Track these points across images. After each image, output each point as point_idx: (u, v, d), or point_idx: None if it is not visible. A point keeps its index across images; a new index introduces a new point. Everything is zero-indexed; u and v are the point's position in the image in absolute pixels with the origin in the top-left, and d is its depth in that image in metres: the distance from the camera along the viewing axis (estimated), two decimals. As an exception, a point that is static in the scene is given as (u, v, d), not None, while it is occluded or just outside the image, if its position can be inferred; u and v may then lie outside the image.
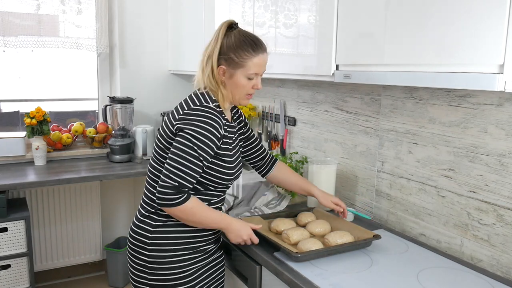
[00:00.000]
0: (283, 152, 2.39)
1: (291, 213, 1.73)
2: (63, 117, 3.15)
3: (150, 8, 3.04)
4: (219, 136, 1.38)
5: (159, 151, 1.44)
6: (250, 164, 1.75)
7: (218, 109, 1.41)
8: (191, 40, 2.75)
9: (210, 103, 1.40)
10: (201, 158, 1.35)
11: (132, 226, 1.49)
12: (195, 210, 1.36)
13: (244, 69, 1.40)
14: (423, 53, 1.18)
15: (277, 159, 1.77)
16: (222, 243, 1.64)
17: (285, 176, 1.75)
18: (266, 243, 1.49)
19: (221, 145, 1.42)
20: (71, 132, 2.91)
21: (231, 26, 1.42)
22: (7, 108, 3.14)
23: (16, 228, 2.35)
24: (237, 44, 1.38)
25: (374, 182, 1.83)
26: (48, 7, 2.75)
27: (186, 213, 1.35)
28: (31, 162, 2.74)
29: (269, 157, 1.75)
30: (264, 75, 2.03)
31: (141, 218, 1.47)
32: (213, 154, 1.39)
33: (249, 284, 1.56)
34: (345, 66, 1.49)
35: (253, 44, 1.40)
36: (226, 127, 1.44)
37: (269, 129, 2.53)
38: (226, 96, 1.45)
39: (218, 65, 1.40)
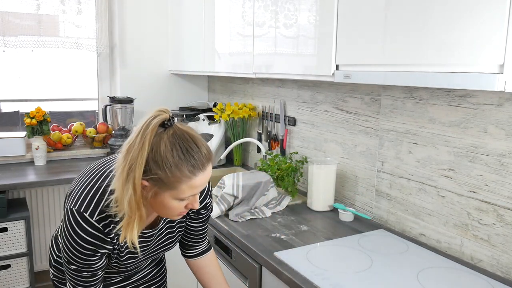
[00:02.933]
0: (283, 152, 2.39)
1: None
2: (63, 117, 3.15)
3: (150, 8, 3.04)
4: (101, 252, 1.09)
5: None
6: (182, 238, 1.36)
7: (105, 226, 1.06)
8: (191, 40, 2.75)
9: (95, 215, 1.04)
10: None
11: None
12: None
13: (174, 192, 1.00)
14: (423, 53, 1.18)
15: (211, 249, 1.43)
16: (218, 245, 1.62)
17: (211, 269, 1.39)
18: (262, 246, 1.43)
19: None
20: (71, 132, 2.91)
21: (164, 125, 1.01)
22: (7, 108, 3.14)
23: (16, 228, 2.35)
24: (169, 159, 0.97)
25: (374, 182, 1.83)
26: (48, 7, 2.75)
27: None
28: (31, 162, 2.74)
29: (206, 244, 1.41)
30: (264, 75, 2.05)
31: (57, 233, 1.32)
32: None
33: (249, 284, 1.56)
34: (345, 66, 1.49)
35: (191, 159, 0.98)
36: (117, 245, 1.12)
37: (269, 129, 2.53)
38: (144, 216, 1.04)
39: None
